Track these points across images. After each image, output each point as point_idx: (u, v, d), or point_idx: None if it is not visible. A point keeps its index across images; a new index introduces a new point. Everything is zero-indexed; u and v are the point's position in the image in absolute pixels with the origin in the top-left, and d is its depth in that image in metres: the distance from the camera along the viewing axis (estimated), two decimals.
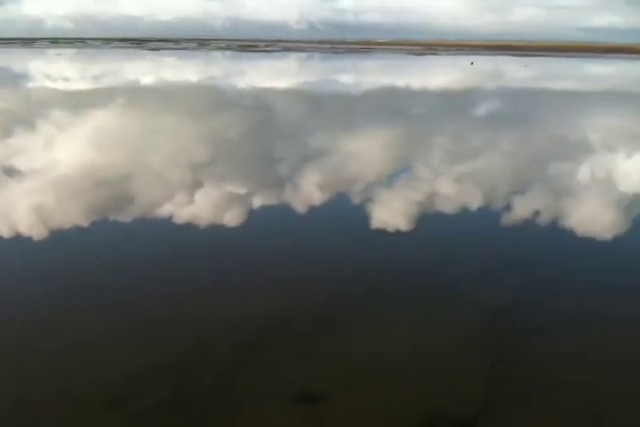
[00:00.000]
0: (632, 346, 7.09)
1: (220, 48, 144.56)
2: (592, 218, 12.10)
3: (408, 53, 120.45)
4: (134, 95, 35.78)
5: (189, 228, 10.99)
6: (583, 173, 16.13)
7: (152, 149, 18.61)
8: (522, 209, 12.46)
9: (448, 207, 12.60)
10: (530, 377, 6.42)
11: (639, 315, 7.89)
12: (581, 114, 30.94)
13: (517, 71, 68.70)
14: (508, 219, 11.88)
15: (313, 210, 12.39)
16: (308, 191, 13.78)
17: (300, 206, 12.53)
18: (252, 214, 12.03)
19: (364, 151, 18.88)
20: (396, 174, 15.79)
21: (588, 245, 10.58)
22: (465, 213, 12.31)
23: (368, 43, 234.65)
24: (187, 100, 33.84)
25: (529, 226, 11.53)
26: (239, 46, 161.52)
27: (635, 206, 13.10)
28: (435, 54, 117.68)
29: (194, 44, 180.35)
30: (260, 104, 32.59)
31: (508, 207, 12.61)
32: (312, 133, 22.49)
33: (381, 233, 10.96)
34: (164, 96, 35.95)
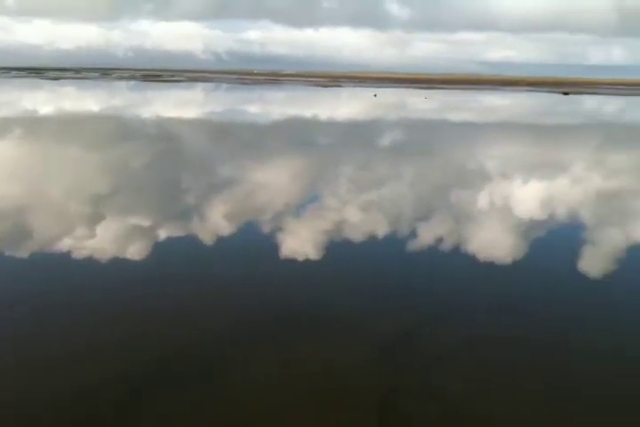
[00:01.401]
0: (526, 372, 7.24)
1: (123, 78, 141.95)
2: (490, 244, 12.48)
3: (314, 85, 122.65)
4: (32, 126, 34.36)
5: (89, 262, 10.49)
6: (481, 200, 16.71)
7: (49, 181, 17.79)
8: (423, 237, 12.70)
9: (351, 236, 12.68)
10: (425, 405, 6.42)
11: (534, 341, 8.08)
12: (479, 144, 32.29)
13: (418, 103, 71.30)
14: (410, 246, 12.06)
15: (218, 240, 12.17)
16: (214, 222, 13.55)
17: (205, 237, 12.28)
18: (156, 246, 11.66)
19: (270, 181, 18.83)
20: (300, 204, 15.81)
21: (484, 272, 10.85)
22: (367, 241, 12.41)
23: (275, 74, 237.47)
24: (88, 131, 32.82)
25: (429, 253, 11.74)
26: (143, 76, 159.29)
27: (529, 231, 13.64)
28: (339, 86, 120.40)
29: (96, 74, 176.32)
30: (164, 135, 32.05)
31: (410, 235, 12.82)
32: (218, 164, 22.27)
33: (285, 262, 10.89)
34: (63, 127, 34.73)
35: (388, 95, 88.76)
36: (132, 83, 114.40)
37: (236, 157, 24.27)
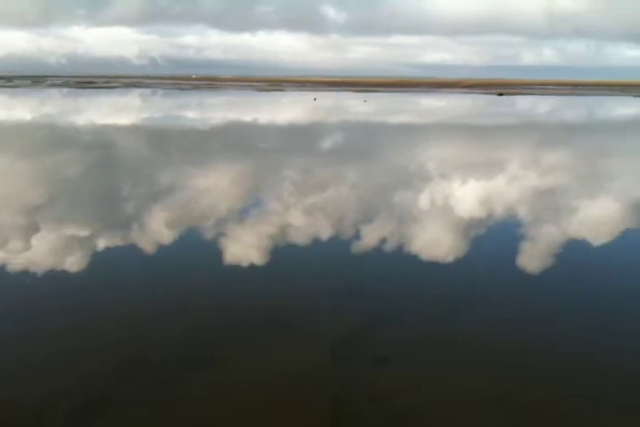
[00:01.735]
0: (476, 373, 7.27)
1: (55, 85, 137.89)
2: (434, 244, 12.58)
3: (254, 89, 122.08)
4: None
5: (27, 273, 10.06)
6: (423, 200, 16.87)
7: None
8: (367, 238, 12.71)
9: (296, 239, 12.60)
10: (374, 409, 6.38)
11: (482, 341, 8.14)
12: (419, 145, 32.69)
13: (358, 106, 71.76)
14: (355, 248, 12.04)
15: (162, 248, 11.90)
16: (155, 229, 13.23)
17: (148, 245, 11.98)
18: (95, 256, 11.28)
19: (212, 187, 18.55)
20: (245, 209, 15.63)
21: (429, 272, 10.92)
22: (312, 244, 12.34)
23: (213, 79, 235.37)
24: (20, 140, 31.69)
25: (374, 255, 11.75)
26: (76, 82, 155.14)
27: (471, 230, 13.82)
28: (280, 90, 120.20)
29: (27, 82, 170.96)
30: (100, 142, 31.23)
31: (354, 237, 12.81)
32: (157, 171, 21.80)
33: (230, 268, 10.71)
34: None
35: (329, 99, 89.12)
36: (66, 90, 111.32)
37: (175, 163, 23.82)
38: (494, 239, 13.35)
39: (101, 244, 12.17)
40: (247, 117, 49.62)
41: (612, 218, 15.45)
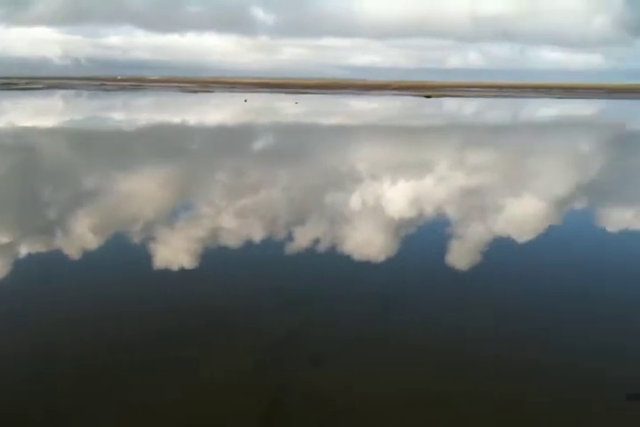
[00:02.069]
0: (407, 375, 7.27)
1: None
2: (366, 244, 12.60)
3: (182, 91, 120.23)
4: None
5: None
6: (354, 201, 16.91)
7: None
8: (300, 240, 12.61)
9: (229, 242, 12.40)
10: (307, 408, 6.32)
11: (414, 343, 8.16)
12: (350, 146, 32.86)
13: (289, 107, 71.69)
14: (288, 250, 11.92)
15: (90, 253, 11.48)
16: (82, 234, 12.77)
17: (72, 250, 11.52)
18: (17, 264, 10.76)
19: (139, 190, 18.06)
20: (174, 212, 15.27)
21: (362, 272, 10.91)
22: (245, 246, 12.17)
23: (139, 80, 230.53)
24: None
25: (307, 256, 11.67)
26: None
27: (402, 230, 13.93)
28: (209, 92, 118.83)
29: None
30: (21, 145, 29.97)
31: (287, 239, 12.69)
32: (80, 175, 21.05)
33: (161, 272, 10.44)
34: None
35: (259, 100, 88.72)
36: None
37: (99, 166, 23.08)
38: (424, 238, 13.48)
39: (22, 251, 11.61)
40: (175, 119, 48.76)
41: (536, 216, 15.89)
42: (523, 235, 13.57)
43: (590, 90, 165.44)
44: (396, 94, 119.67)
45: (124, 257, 11.54)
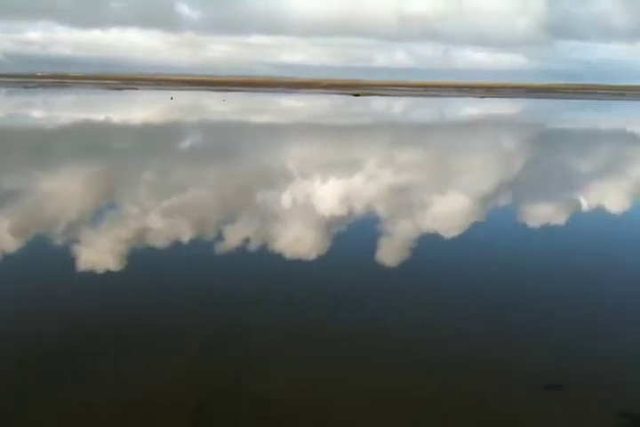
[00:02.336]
0: (345, 369, 7.20)
1: None
2: (298, 242, 12.47)
3: (107, 88, 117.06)
4: None
5: None
6: (285, 199, 16.77)
7: None
8: (230, 239, 12.37)
9: (157, 242, 12.03)
10: (244, 411, 6.17)
11: (347, 337, 8.10)
12: (280, 144, 32.69)
13: (217, 105, 70.87)
14: (219, 250, 11.66)
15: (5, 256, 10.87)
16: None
17: None
18: None
19: (61, 190, 17.34)
20: (94, 213, 14.67)
21: (292, 270, 10.80)
22: (174, 247, 11.82)
23: (61, 77, 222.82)
24: None
25: (238, 255, 11.45)
26: None
27: (334, 227, 13.90)
28: (134, 89, 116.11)
29: None
30: None
31: (217, 239, 12.42)
32: None
33: (84, 273, 10.00)
34: None
35: (186, 98, 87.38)
36: None
37: (15, 165, 22.04)
38: (354, 236, 13.47)
39: None
40: (98, 117, 47.33)
41: (462, 212, 16.17)
42: (450, 231, 13.77)
43: (512, 89, 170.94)
44: (324, 93, 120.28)
45: (42, 259, 11.01)
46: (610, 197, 18.94)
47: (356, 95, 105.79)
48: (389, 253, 11.93)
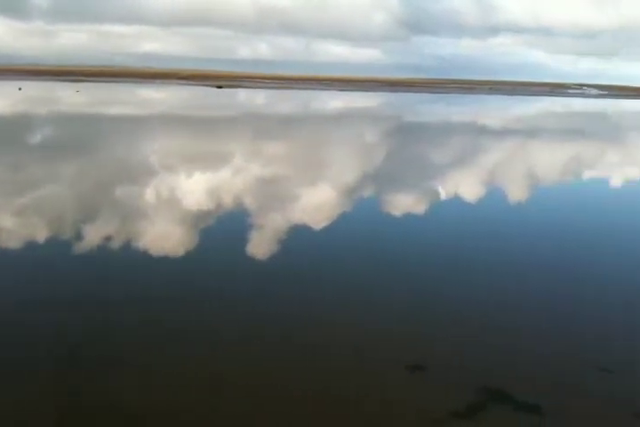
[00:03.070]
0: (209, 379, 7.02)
1: None
2: (158, 237, 12.05)
3: None
4: None
5: None
6: (150, 194, 16.15)
7: None
8: (91, 238, 11.70)
9: (7, 243, 11.13)
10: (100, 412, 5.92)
11: (213, 337, 7.91)
12: (139, 137, 31.50)
13: (71, 96, 67.06)
14: (77, 250, 10.99)
15: None
16: None
17: None
18: None
19: None
20: None
21: (154, 268, 10.42)
22: (28, 246, 11.02)
23: None
24: None
25: (98, 255, 10.86)
26: None
27: (201, 221, 13.57)
28: None
29: None
30: None
31: (76, 238, 11.72)
32: None
33: None
34: None
35: (36, 89, 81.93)
36: None
37: None
38: (223, 230, 13.23)
39: None
40: None
41: (329, 203, 16.38)
42: (318, 222, 13.89)
43: (372, 83, 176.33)
44: (185, 84, 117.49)
45: None
46: (465, 185, 19.97)
47: (220, 87, 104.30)
48: (255, 246, 11.81)
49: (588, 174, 23.90)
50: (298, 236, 12.90)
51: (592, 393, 6.64)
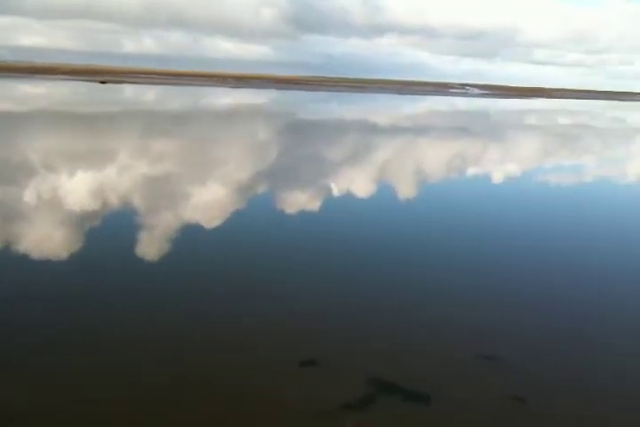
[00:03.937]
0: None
1: None
2: (45, 240, 11.42)
3: None
4: None
5: None
6: (30, 195, 15.25)
7: None
8: None
9: None
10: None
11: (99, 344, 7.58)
12: (17, 135, 29.70)
13: None
14: None
15: None
16: None
17: None
18: None
19: None
20: None
21: (48, 271, 9.85)
22: None
23: None
24: None
25: None
26: None
27: (87, 223, 13.00)
28: None
29: None
30: None
31: None
32: None
33: None
34: None
35: None
36: None
37: None
38: (109, 231, 12.71)
39: None
40: None
41: (222, 202, 16.16)
42: (211, 220, 13.67)
43: (262, 80, 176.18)
44: (66, 79, 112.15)
45: None
46: (358, 182, 20.31)
47: (103, 82, 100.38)
48: (147, 245, 11.48)
49: (472, 170, 24.94)
50: (185, 236, 12.57)
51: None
